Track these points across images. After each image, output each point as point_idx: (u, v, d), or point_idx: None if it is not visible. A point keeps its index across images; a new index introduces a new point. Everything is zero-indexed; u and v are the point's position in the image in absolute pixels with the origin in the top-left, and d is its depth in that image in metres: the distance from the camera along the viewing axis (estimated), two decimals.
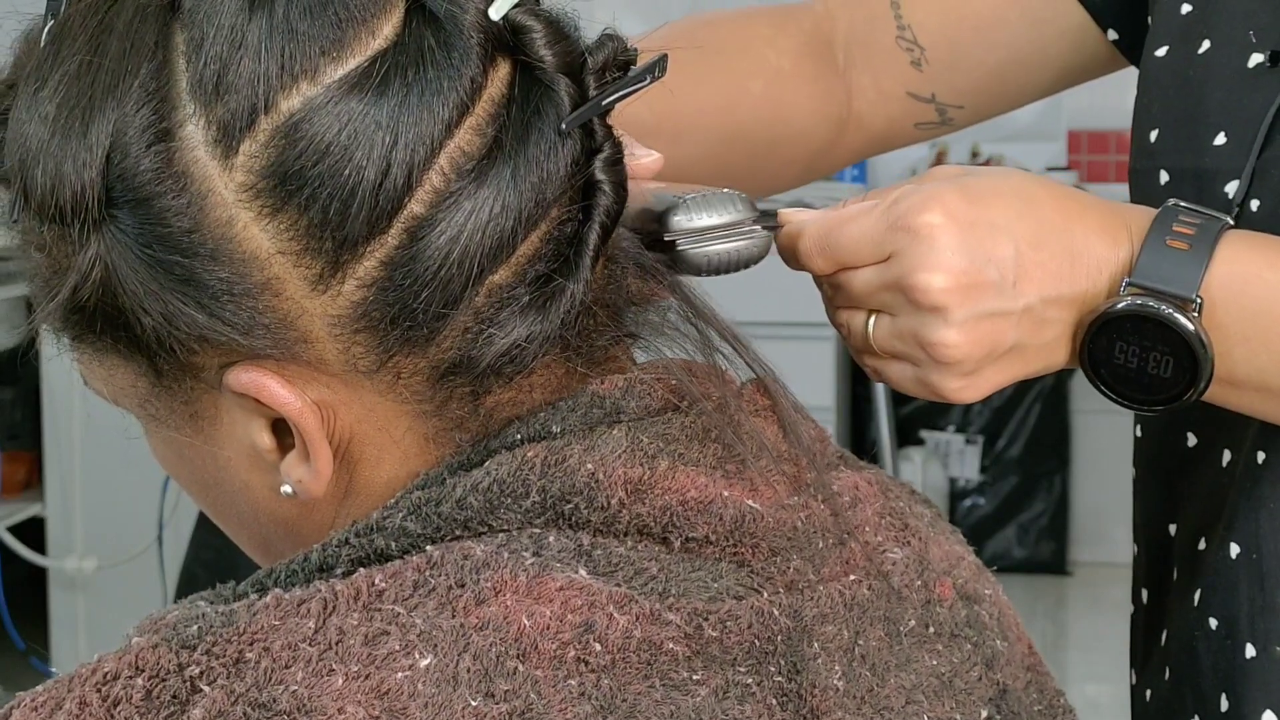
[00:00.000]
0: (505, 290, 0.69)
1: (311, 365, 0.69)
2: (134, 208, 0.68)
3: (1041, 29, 1.09)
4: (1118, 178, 4.96)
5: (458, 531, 0.69)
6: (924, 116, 1.13)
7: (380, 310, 0.68)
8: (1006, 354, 0.80)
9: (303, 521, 0.75)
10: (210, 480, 0.75)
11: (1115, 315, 0.80)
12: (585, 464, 0.69)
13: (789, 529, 0.73)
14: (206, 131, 0.67)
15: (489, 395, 0.71)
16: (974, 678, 0.79)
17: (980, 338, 0.79)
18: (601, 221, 0.71)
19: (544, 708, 0.64)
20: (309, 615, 0.64)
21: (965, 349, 0.79)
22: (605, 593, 0.67)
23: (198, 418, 0.73)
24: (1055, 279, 0.80)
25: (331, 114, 0.66)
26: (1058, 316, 0.81)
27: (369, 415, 0.71)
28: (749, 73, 1.10)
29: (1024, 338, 0.80)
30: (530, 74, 0.70)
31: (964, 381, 0.81)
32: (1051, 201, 0.82)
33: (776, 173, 1.14)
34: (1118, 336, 0.80)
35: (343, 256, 0.67)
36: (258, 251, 0.67)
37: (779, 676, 0.70)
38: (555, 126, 0.69)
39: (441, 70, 0.67)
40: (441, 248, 0.67)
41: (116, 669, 0.63)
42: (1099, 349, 0.81)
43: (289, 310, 0.68)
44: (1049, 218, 0.81)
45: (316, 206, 0.66)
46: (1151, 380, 0.81)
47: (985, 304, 0.79)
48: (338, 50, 0.67)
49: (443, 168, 0.67)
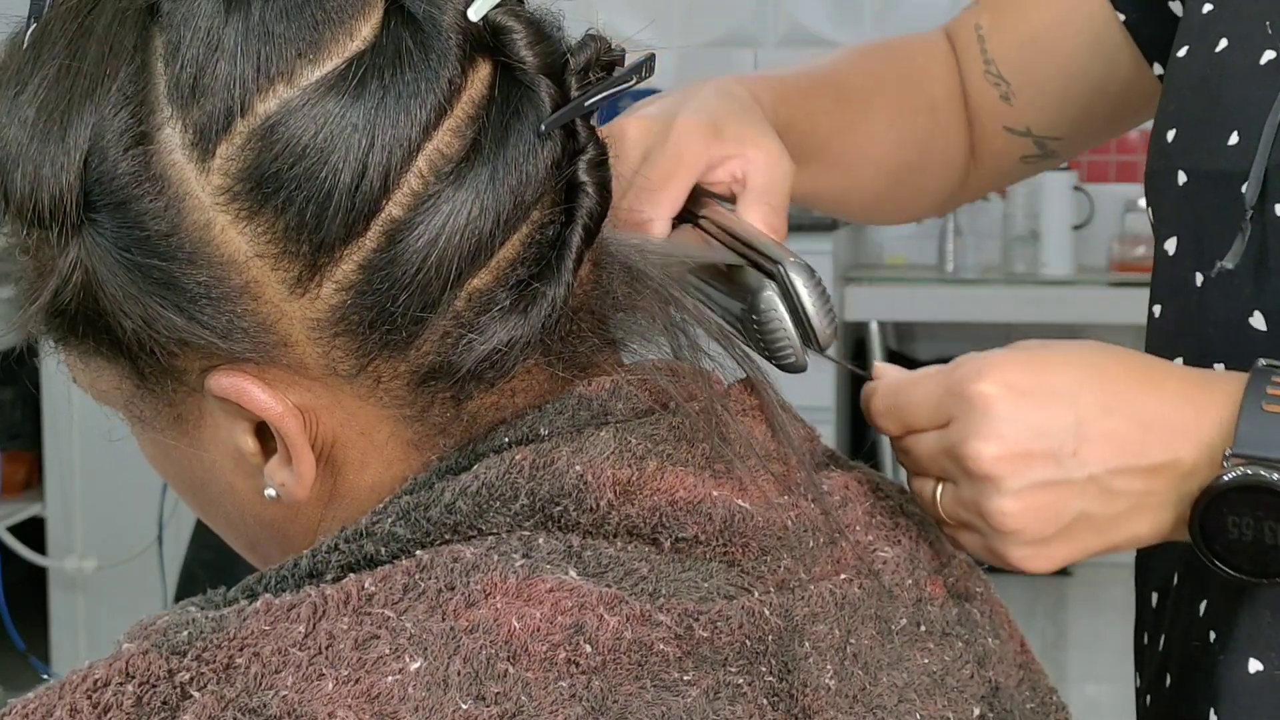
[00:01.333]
0: (485, 294, 0.69)
1: (292, 369, 0.69)
2: (112, 211, 0.68)
3: (1110, 63, 1.07)
4: (1118, 177, 4.97)
5: (447, 535, 0.69)
6: (1026, 150, 1.11)
7: (359, 313, 0.68)
8: (1074, 524, 0.79)
9: (289, 524, 0.75)
10: (197, 482, 0.76)
11: (1224, 489, 0.77)
12: (574, 466, 0.69)
13: (779, 528, 0.73)
14: (184, 135, 0.67)
15: (471, 400, 0.71)
16: (966, 675, 0.79)
17: (1039, 507, 0.78)
18: (584, 224, 0.70)
19: (535, 710, 0.64)
20: (299, 620, 0.64)
21: (1023, 519, 0.78)
22: (595, 594, 0.67)
23: (182, 420, 0.73)
24: (1123, 448, 0.78)
25: (308, 116, 0.66)
26: (1129, 488, 0.79)
27: (351, 420, 0.71)
28: (915, 107, 1.10)
29: (1091, 508, 0.79)
30: (511, 75, 0.69)
31: (1030, 550, 0.79)
32: (1123, 370, 0.80)
33: (922, 204, 1.16)
34: (1228, 511, 0.78)
35: (320, 259, 0.67)
36: (236, 255, 0.67)
37: (770, 676, 0.70)
38: (535, 128, 0.69)
39: (419, 72, 0.67)
40: (420, 250, 0.67)
41: (107, 675, 0.63)
42: (1211, 525, 0.78)
43: (268, 314, 0.68)
44: (1119, 387, 0.79)
45: (293, 209, 0.66)
46: (1269, 550, 0.78)
47: (1040, 473, 0.78)
48: (314, 52, 0.67)
49: (421, 170, 0.67)
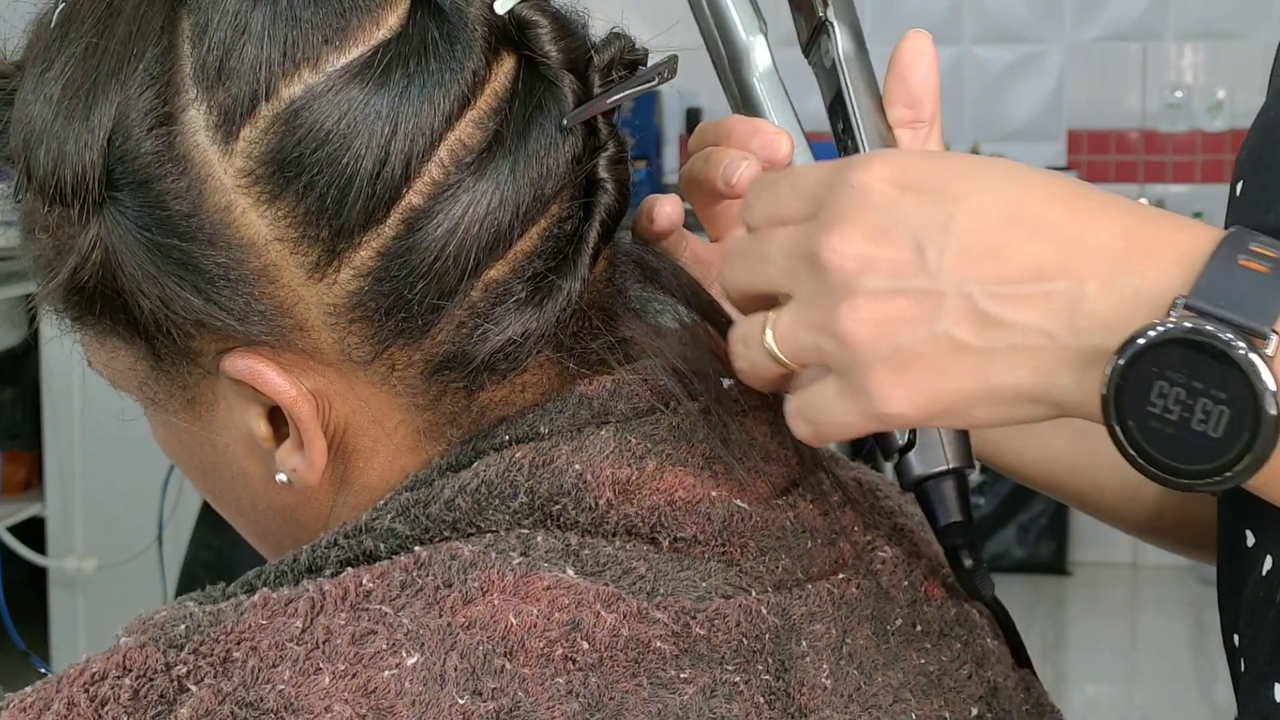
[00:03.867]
0: (502, 286, 0.69)
1: (307, 354, 0.70)
2: (134, 190, 0.68)
3: None
4: (1118, 177, 4.97)
5: (446, 533, 0.69)
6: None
7: (376, 300, 0.68)
8: (940, 351, 0.62)
9: (300, 510, 0.75)
10: (209, 466, 0.76)
11: (1164, 341, 0.59)
12: (573, 465, 0.69)
13: (777, 528, 0.73)
14: (208, 116, 0.67)
15: (482, 392, 0.71)
16: (964, 676, 0.79)
17: (896, 318, 0.62)
18: (602, 220, 0.71)
19: (531, 705, 0.64)
20: (296, 615, 0.64)
21: (876, 330, 0.63)
22: (592, 591, 0.67)
23: (195, 403, 0.73)
24: (1008, 263, 0.61)
25: (332, 102, 0.66)
26: (1009, 316, 0.61)
27: (363, 407, 0.71)
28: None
29: (961, 333, 0.62)
30: (535, 69, 0.70)
31: (889, 377, 0.63)
32: (1050, 190, 0.63)
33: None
34: (1159, 374, 0.59)
35: (339, 245, 0.68)
36: (255, 238, 0.68)
37: (767, 675, 0.70)
38: (557, 122, 0.70)
39: (444, 63, 0.68)
40: (438, 239, 0.67)
41: (104, 669, 0.63)
42: (1129, 391, 0.60)
43: (285, 298, 0.69)
44: (1034, 204, 0.63)
45: (314, 194, 0.67)
46: (1195, 441, 0.59)
47: (904, 279, 0.62)
48: (340, 39, 0.67)
49: (442, 160, 0.68)
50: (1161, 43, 4.91)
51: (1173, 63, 4.92)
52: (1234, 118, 4.88)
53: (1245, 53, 4.85)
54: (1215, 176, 4.93)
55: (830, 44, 0.77)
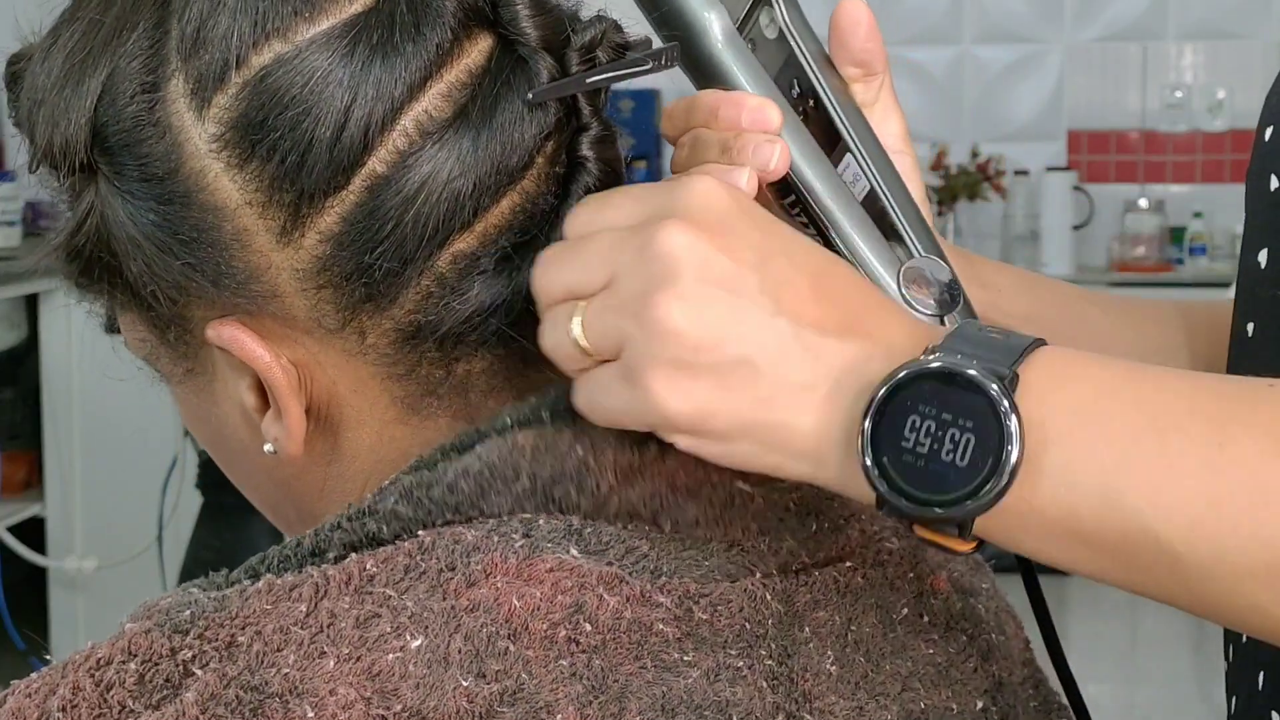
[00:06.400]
0: (469, 258, 0.70)
1: (283, 321, 0.71)
2: (119, 154, 0.71)
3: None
4: (1118, 178, 4.97)
5: (449, 516, 0.69)
6: None
7: (340, 265, 0.70)
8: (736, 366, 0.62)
9: (296, 483, 0.76)
10: (219, 438, 0.78)
11: (919, 374, 0.61)
12: (575, 449, 0.69)
13: (780, 510, 0.73)
14: (185, 85, 0.70)
15: (460, 363, 0.72)
16: (970, 669, 0.79)
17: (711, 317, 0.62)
18: (579, 199, 0.71)
19: (535, 687, 0.64)
20: (300, 599, 0.65)
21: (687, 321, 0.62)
22: (595, 573, 0.67)
23: (195, 375, 0.75)
24: (841, 313, 0.63)
25: (297, 69, 0.68)
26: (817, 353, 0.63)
27: (342, 376, 0.73)
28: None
29: (762, 359, 0.62)
30: (511, 47, 0.71)
31: (674, 373, 0.62)
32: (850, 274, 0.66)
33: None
34: (913, 406, 0.61)
35: (304, 209, 0.69)
36: (227, 202, 0.70)
37: (769, 660, 0.70)
38: (525, 98, 0.71)
39: (409, 36, 0.69)
40: (396, 206, 0.69)
41: (109, 654, 0.64)
42: (887, 425, 0.61)
43: (257, 263, 0.70)
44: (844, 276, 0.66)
45: (277, 157, 0.69)
46: (943, 471, 0.61)
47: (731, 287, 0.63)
48: (311, 11, 0.69)
49: (408, 129, 0.69)
50: (1161, 43, 4.91)
51: (1173, 63, 4.93)
52: (1234, 118, 4.89)
53: (1245, 53, 4.85)
54: (1215, 176, 4.93)
55: (776, 13, 0.77)
